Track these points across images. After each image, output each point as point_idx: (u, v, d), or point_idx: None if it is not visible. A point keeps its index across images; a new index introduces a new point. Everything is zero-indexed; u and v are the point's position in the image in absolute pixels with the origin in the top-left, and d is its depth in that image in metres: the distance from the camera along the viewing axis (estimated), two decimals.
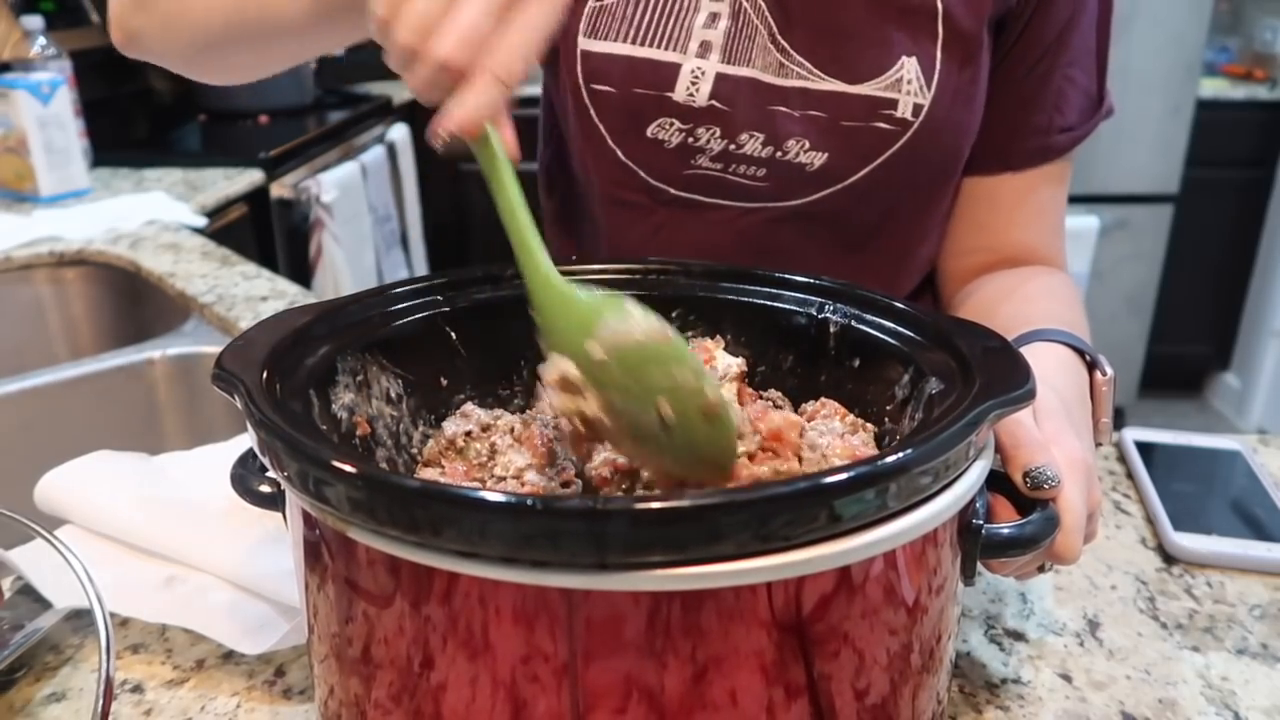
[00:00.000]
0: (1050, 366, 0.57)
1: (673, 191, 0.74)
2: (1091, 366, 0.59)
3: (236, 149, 1.98)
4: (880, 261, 0.78)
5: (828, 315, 0.53)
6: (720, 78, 0.69)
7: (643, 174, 0.74)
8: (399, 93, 2.70)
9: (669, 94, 0.70)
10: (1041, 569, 0.51)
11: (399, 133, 2.45)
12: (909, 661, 0.39)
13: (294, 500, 0.39)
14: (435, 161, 2.62)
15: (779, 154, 0.70)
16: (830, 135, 0.69)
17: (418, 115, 2.65)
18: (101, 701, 0.43)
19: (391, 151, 2.37)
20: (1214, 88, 2.75)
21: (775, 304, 0.55)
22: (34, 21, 1.67)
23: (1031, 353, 0.57)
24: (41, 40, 1.67)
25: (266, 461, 0.39)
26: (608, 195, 0.77)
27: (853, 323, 0.53)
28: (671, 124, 0.70)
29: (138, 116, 2.28)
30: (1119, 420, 2.92)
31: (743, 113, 0.70)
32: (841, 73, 0.69)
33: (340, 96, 2.54)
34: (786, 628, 0.35)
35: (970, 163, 0.75)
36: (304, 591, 0.42)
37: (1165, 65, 2.63)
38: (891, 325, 0.51)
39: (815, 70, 0.69)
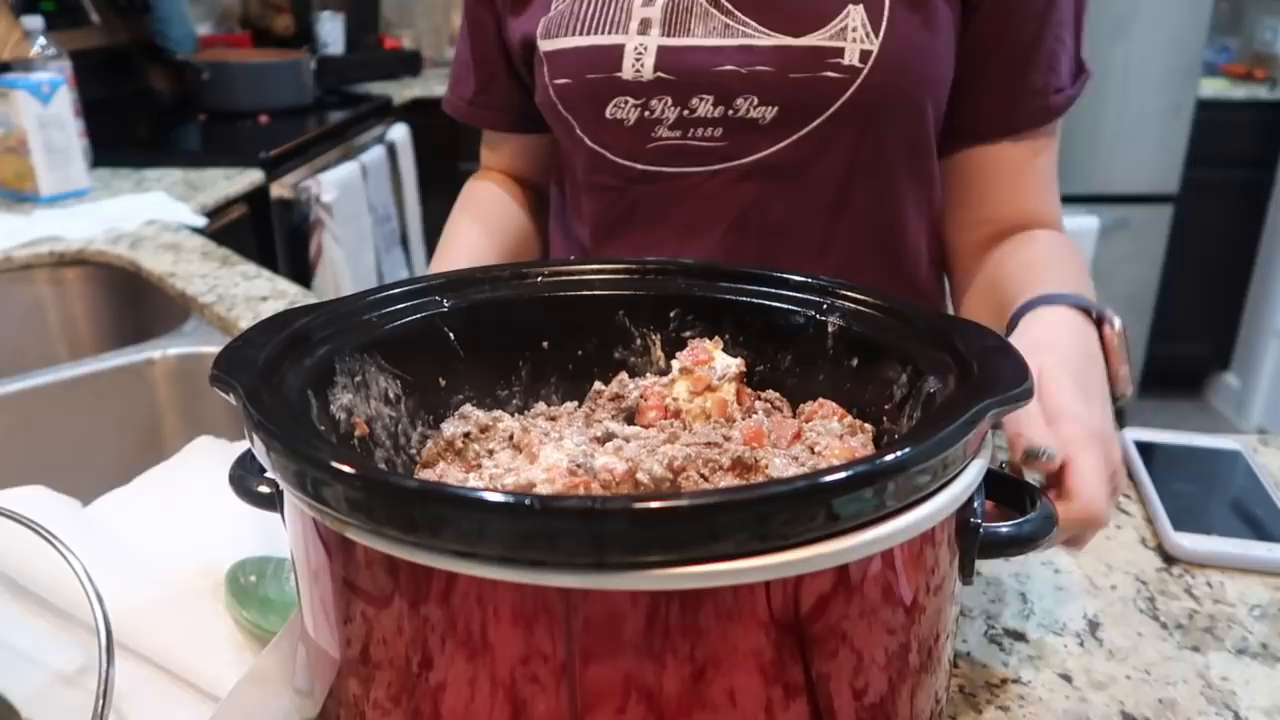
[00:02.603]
0: (1056, 332, 0.57)
1: (639, 167, 0.77)
2: (1100, 322, 0.59)
3: (236, 149, 1.97)
4: (863, 227, 0.78)
5: (826, 315, 0.53)
6: (663, 50, 0.73)
7: (609, 155, 0.77)
8: (399, 92, 2.71)
9: (617, 74, 0.74)
10: (1071, 543, 0.51)
11: (399, 133, 2.45)
12: (907, 661, 0.39)
13: (292, 501, 0.39)
14: (435, 161, 2.63)
15: (730, 112, 0.73)
16: (779, 89, 0.71)
17: (418, 115, 2.65)
18: (102, 701, 0.43)
19: (392, 151, 2.37)
20: (1214, 88, 2.75)
21: (773, 304, 0.55)
22: (34, 21, 1.67)
23: (1036, 318, 0.57)
24: (41, 40, 1.67)
25: (265, 462, 0.39)
26: (585, 183, 0.81)
27: (851, 322, 0.53)
28: (626, 102, 0.74)
29: (138, 116, 2.28)
30: (1119, 420, 2.92)
31: (690, 79, 0.73)
32: (785, 26, 0.71)
33: (340, 96, 2.54)
34: (785, 627, 0.35)
35: (971, 131, 0.77)
36: (302, 592, 0.42)
37: (1165, 65, 2.63)
38: (890, 324, 0.51)
39: (760, 27, 0.71)
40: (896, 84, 0.71)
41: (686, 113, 0.73)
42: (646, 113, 0.74)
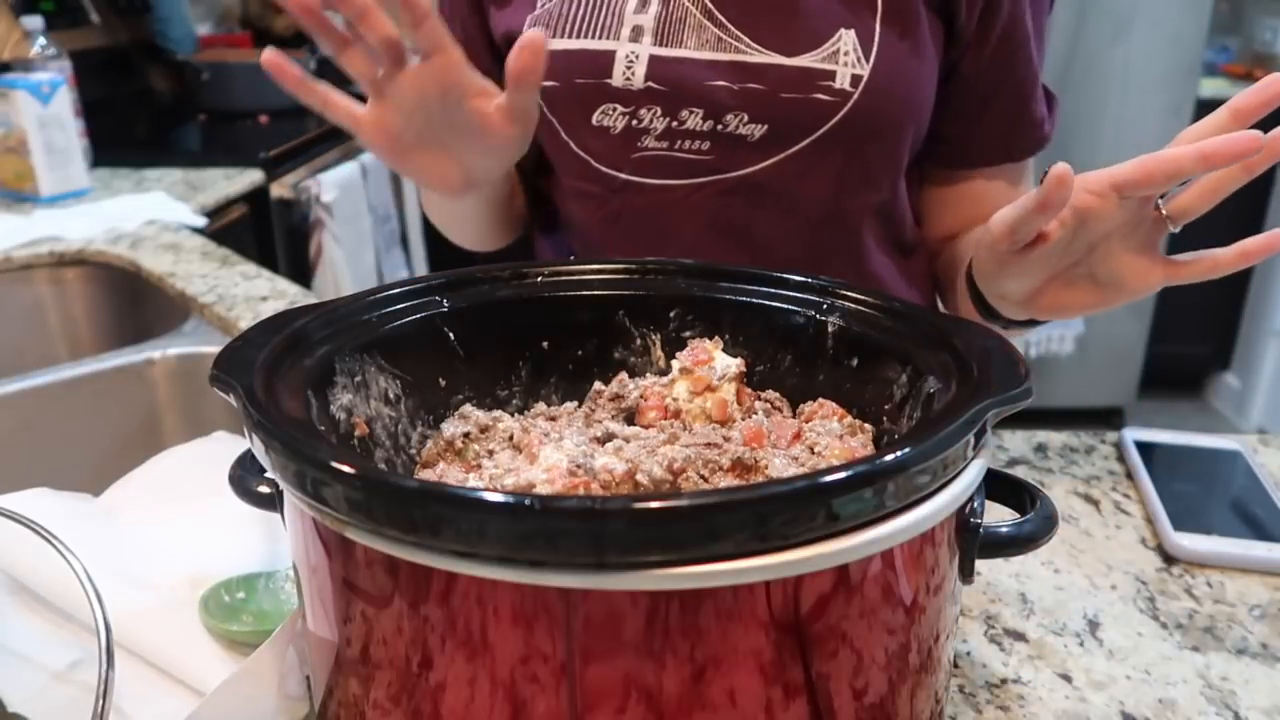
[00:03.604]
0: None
1: (623, 177, 0.76)
2: None
3: (236, 149, 1.97)
4: (844, 246, 0.78)
5: (826, 315, 0.54)
6: (654, 59, 0.72)
7: (593, 162, 0.77)
8: None
9: (607, 80, 0.73)
10: None
11: None
12: (907, 661, 0.39)
13: (292, 501, 0.39)
14: None
15: (719, 126, 0.72)
16: (770, 107, 0.71)
17: None
18: (102, 702, 0.43)
19: None
20: (1214, 88, 2.74)
21: (774, 304, 0.55)
22: (34, 21, 1.67)
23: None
24: (41, 40, 1.67)
25: (265, 462, 0.39)
26: (570, 189, 0.80)
27: (851, 322, 0.53)
28: (614, 109, 0.74)
29: (138, 116, 2.28)
30: (1119, 420, 2.93)
31: (681, 90, 0.72)
32: (778, 45, 0.71)
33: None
34: (785, 627, 0.35)
35: (968, 159, 0.78)
36: (302, 592, 0.42)
37: (1165, 65, 2.63)
38: (889, 324, 0.51)
39: (753, 44, 0.71)
40: (884, 109, 0.71)
41: (675, 124, 0.73)
42: (634, 121, 0.74)
